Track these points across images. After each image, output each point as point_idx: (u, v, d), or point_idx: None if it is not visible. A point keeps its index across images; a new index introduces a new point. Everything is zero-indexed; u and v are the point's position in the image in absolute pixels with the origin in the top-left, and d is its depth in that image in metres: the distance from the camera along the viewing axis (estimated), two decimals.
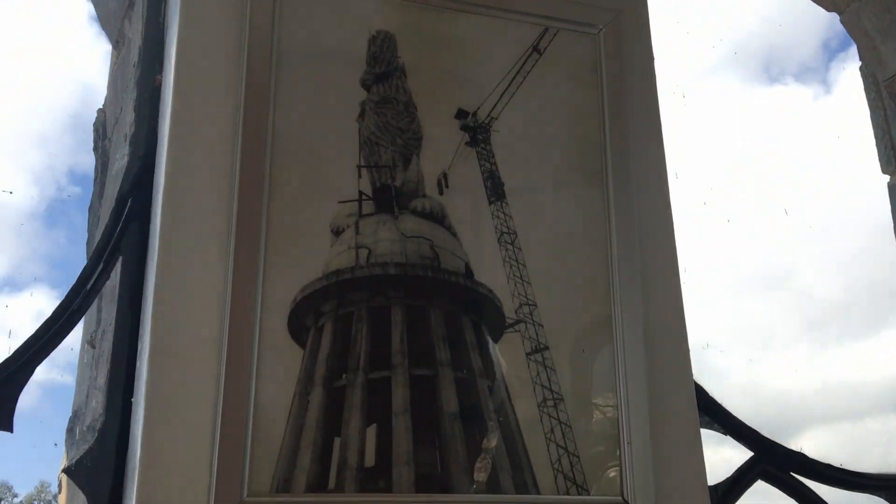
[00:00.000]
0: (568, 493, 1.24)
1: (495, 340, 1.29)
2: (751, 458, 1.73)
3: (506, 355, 1.28)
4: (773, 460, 1.73)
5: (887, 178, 2.71)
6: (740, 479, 1.70)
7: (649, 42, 1.54)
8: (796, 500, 1.76)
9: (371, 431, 1.17)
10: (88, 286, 1.35)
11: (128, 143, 1.51)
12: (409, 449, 1.17)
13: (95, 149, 2.00)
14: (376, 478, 1.15)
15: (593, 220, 1.40)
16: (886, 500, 1.79)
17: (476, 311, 1.29)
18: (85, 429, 1.46)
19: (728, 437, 1.75)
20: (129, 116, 1.52)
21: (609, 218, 1.40)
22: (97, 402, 1.39)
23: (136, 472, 1.06)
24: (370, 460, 1.16)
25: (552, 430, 1.27)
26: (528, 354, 1.30)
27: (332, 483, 1.13)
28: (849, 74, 2.87)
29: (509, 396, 1.27)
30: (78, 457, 1.24)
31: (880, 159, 2.75)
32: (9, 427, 1.25)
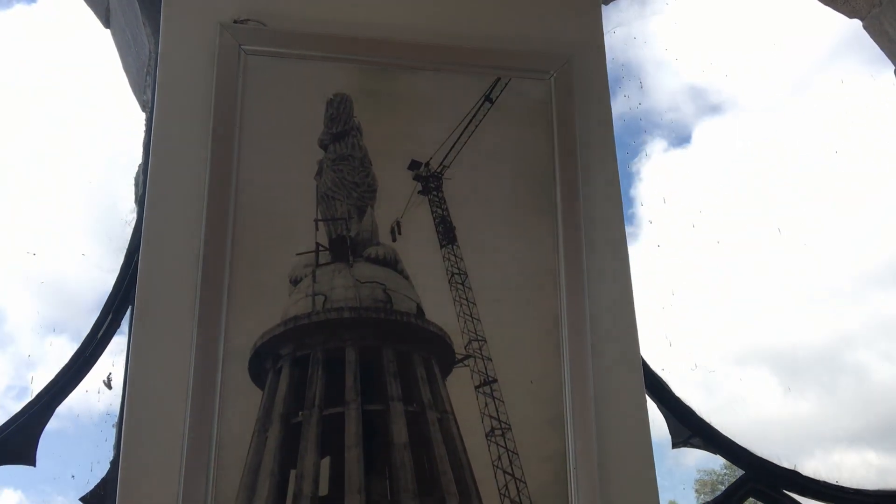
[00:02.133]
0: None
1: (445, 375, 1.39)
2: (741, 477, 1.75)
3: (455, 389, 1.38)
4: (763, 478, 1.75)
5: None
6: (731, 497, 1.73)
7: (604, 82, 1.61)
8: None
9: (325, 463, 1.30)
10: (99, 335, 1.55)
11: (136, 202, 1.71)
12: (360, 479, 1.29)
13: (137, 202, 2.22)
14: None
15: (543, 255, 1.48)
16: None
17: (427, 348, 1.40)
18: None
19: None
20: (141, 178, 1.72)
21: (558, 251, 1.48)
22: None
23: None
24: (324, 490, 1.28)
25: (499, 458, 1.36)
26: (476, 387, 1.39)
27: None
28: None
29: (457, 426, 1.36)
30: (92, 488, 1.43)
31: None
32: (32, 461, 1.45)
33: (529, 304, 1.46)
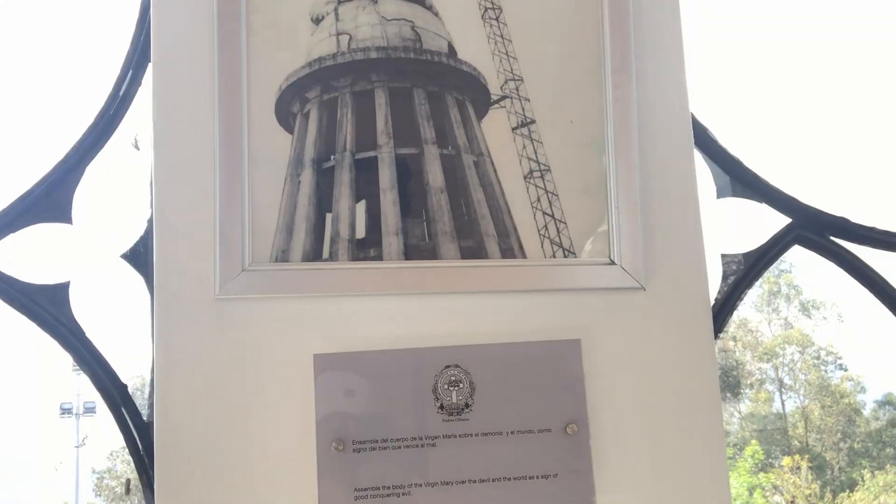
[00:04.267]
0: (555, 257, 1.31)
1: (480, 117, 1.33)
2: (788, 225, 1.71)
3: (491, 131, 1.32)
4: (810, 225, 1.71)
5: None
6: (774, 245, 1.70)
7: None
8: (835, 263, 1.74)
9: (360, 207, 1.28)
10: (121, 92, 1.50)
11: None
12: (397, 221, 1.27)
13: None
14: (368, 248, 1.26)
15: None
16: None
17: (460, 89, 1.32)
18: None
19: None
20: None
21: None
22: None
23: (154, 255, 1.24)
24: (361, 232, 1.27)
25: (538, 200, 1.32)
26: (513, 129, 1.33)
27: (325, 253, 1.25)
28: None
29: (495, 170, 1.32)
30: (132, 245, 1.44)
31: None
32: (69, 219, 1.45)
33: (570, 42, 1.36)
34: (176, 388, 1.21)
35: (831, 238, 1.71)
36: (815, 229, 1.70)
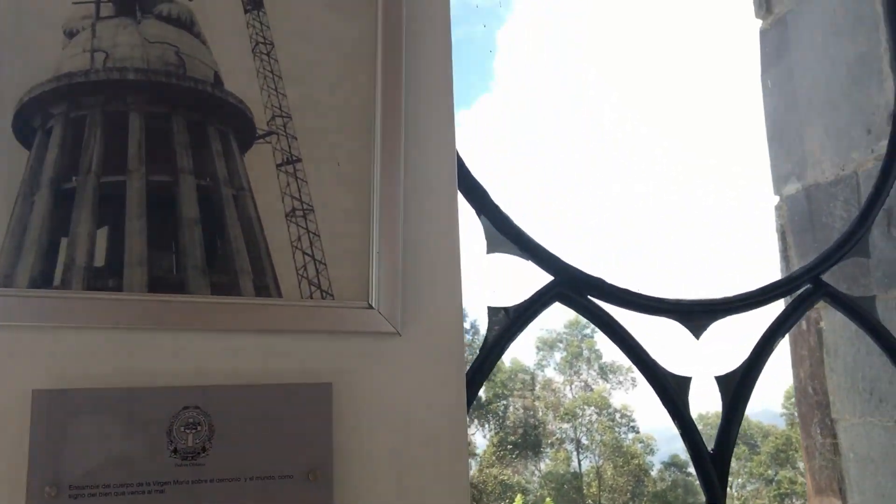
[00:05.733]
0: (312, 298, 1.29)
1: (244, 151, 1.29)
2: (550, 282, 1.80)
3: (255, 166, 1.29)
4: (570, 284, 1.80)
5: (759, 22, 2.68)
6: (536, 301, 1.77)
7: None
8: (592, 321, 1.85)
9: (102, 234, 1.19)
10: None
11: None
12: (143, 251, 1.20)
13: None
14: (107, 277, 1.18)
15: (358, 30, 1.38)
16: (679, 322, 1.89)
17: (224, 120, 1.29)
18: None
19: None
20: None
21: (377, 28, 1.38)
22: None
23: None
24: (100, 260, 1.18)
25: (299, 239, 1.30)
26: (278, 165, 1.31)
27: (57, 280, 1.15)
28: None
29: (255, 205, 1.28)
30: None
31: (755, 3, 2.71)
32: None
33: (342, 83, 1.37)
34: None
35: (589, 297, 1.82)
36: (575, 288, 1.80)
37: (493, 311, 1.72)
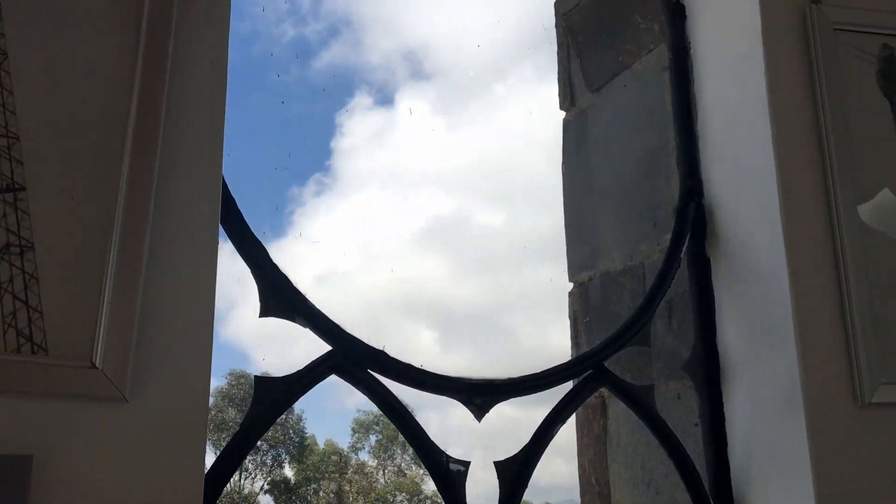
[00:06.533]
0: (19, 352, 1.08)
1: None
2: (327, 353, 1.67)
3: None
4: (349, 355, 1.68)
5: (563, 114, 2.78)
6: (311, 372, 1.63)
7: None
8: (368, 396, 1.73)
9: None
10: None
11: None
12: None
13: None
14: None
15: (119, 53, 1.23)
16: (461, 402, 1.81)
17: None
18: None
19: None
20: None
21: (138, 50, 1.23)
22: None
23: None
24: None
25: (11, 280, 1.09)
26: None
27: None
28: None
29: None
30: None
31: (559, 95, 2.81)
32: None
33: (89, 107, 1.20)
34: None
35: (370, 371, 1.71)
36: (355, 360, 1.68)
37: (260, 382, 1.56)
